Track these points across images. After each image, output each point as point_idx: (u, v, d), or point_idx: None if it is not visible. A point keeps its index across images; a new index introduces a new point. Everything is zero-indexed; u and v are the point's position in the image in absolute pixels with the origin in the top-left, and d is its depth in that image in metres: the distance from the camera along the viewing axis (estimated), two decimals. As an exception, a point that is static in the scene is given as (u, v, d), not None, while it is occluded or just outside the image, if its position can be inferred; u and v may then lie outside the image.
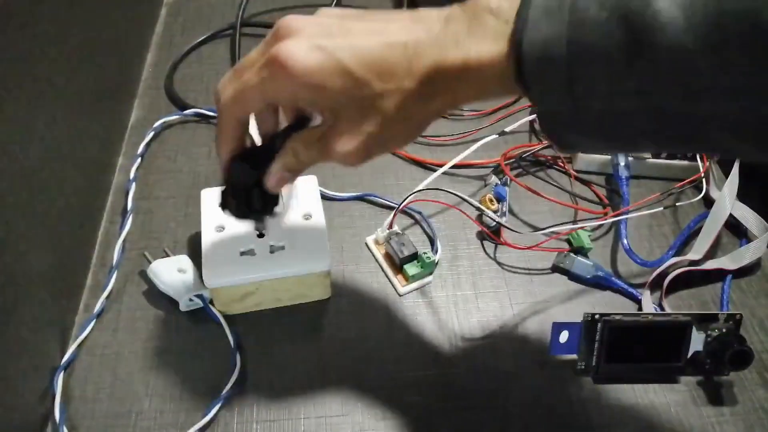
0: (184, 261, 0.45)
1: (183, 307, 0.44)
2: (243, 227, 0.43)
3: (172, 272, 0.44)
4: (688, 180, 0.51)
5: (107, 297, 0.45)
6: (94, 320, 0.43)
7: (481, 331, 0.44)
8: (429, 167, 0.54)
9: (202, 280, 0.42)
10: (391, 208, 0.51)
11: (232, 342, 0.42)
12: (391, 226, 0.48)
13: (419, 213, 0.51)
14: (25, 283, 0.37)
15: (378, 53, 0.28)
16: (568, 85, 0.25)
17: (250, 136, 0.36)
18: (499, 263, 0.48)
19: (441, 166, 0.51)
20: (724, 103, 0.23)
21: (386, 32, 0.29)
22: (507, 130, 0.52)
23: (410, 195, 0.48)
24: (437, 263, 0.47)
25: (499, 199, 0.50)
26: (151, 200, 0.51)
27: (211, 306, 0.44)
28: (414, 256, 0.46)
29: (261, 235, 0.43)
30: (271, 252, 0.42)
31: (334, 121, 0.31)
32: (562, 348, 0.41)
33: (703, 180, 0.51)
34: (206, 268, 0.41)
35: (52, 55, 0.42)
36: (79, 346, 0.42)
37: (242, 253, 0.42)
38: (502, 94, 0.30)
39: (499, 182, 0.51)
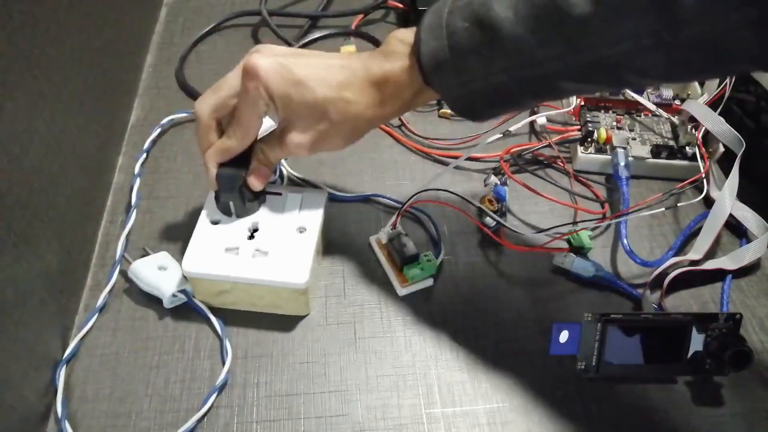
0: (163, 258, 0.45)
1: (167, 304, 0.43)
2: (237, 226, 0.43)
3: (152, 271, 0.44)
4: (690, 180, 0.51)
5: (108, 294, 0.45)
6: (95, 317, 0.44)
7: (481, 331, 0.44)
8: (438, 160, 0.55)
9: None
10: (396, 208, 0.51)
11: (219, 331, 0.43)
12: (394, 226, 0.48)
13: (425, 214, 0.50)
14: (25, 283, 0.37)
15: (323, 70, 0.38)
16: (458, 77, 0.36)
17: None
18: (499, 263, 0.48)
19: (448, 158, 0.51)
20: (554, 64, 0.33)
21: (329, 59, 0.40)
22: (511, 129, 0.52)
23: (413, 195, 0.48)
24: (439, 266, 0.47)
25: (499, 199, 0.50)
26: (151, 200, 0.51)
27: (195, 300, 0.44)
28: (415, 258, 0.46)
29: (251, 237, 0.43)
30: (254, 255, 0.42)
31: (289, 121, 0.40)
32: (562, 348, 0.41)
33: (704, 180, 0.51)
34: (187, 255, 0.42)
35: (52, 55, 0.42)
36: (79, 346, 0.42)
37: (227, 249, 0.42)
38: (418, 97, 0.39)
39: (499, 182, 0.51)
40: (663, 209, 0.51)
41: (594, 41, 0.31)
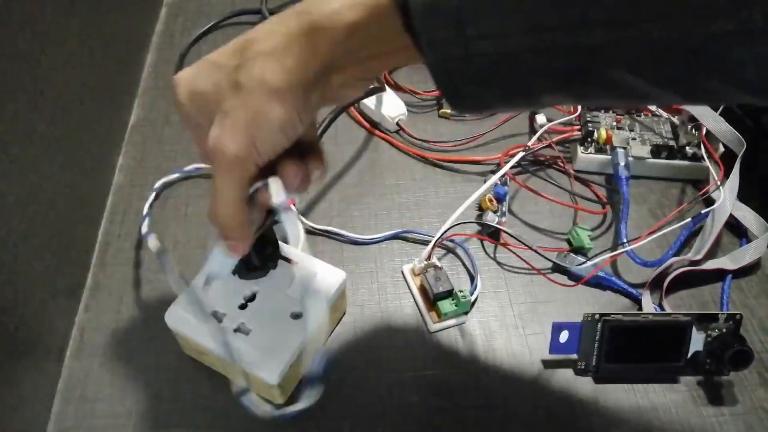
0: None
1: None
2: (235, 289, 0.40)
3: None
4: (708, 187, 0.50)
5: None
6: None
7: (481, 331, 0.44)
8: (437, 164, 0.55)
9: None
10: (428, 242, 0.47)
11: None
12: (429, 258, 0.46)
13: (460, 246, 0.49)
14: (25, 283, 0.37)
15: (235, 43, 0.28)
16: (459, 28, 0.24)
17: None
18: (499, 263, 0.48)
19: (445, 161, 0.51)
20: (602, 33, 0.22)
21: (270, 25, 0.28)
22: (529, 145, 0.51)
23: (446, 228, 0.46)
24: (474, 303, 0.46)
25: (499, 199, 0.50)
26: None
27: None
28: (449, 294, 0.44)
29: (244, 306, 0.40)
30: (235, 330, 0.38)
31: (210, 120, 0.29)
32: (562, 348, 0.41)
33: (720, 188, 0.49)
34: (172, 308, 0.39)
35: (52, 55, 0.42)
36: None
37: (213, 313, 0.39)
38: (387, 52, 0.27)
39: (499, 182, 0.51)
40: (689, 219, 0.49)
41: (689, 8, 0.21)
